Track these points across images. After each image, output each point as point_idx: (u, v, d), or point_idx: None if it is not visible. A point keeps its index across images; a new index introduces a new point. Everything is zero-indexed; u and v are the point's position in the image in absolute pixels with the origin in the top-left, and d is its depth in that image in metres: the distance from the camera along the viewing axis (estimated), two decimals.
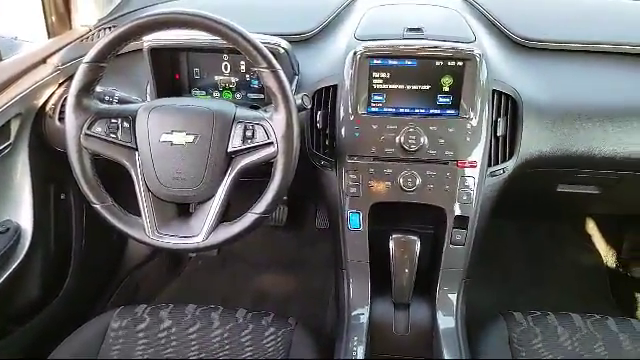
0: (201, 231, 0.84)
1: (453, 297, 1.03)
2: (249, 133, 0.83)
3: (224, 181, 0.84)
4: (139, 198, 0.85)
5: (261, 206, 0.83)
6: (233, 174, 0.84)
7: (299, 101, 0.86)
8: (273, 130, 0.81)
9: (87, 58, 0.80)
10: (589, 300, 1.62)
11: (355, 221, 1.02)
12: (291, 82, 1.06)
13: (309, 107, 0.90)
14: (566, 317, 1.02)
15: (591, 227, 1.80)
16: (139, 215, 0.85)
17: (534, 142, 1.02)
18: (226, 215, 0.90)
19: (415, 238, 1.01)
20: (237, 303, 1.07)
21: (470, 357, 0.95)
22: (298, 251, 1.82)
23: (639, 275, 1.62)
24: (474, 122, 0.96)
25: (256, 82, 1.08)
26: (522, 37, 1.14)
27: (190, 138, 0.82)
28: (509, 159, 1.01)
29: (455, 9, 1.26)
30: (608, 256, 1.75)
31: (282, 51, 1.01)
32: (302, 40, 1.17)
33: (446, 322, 1.01)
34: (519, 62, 1.11)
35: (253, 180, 0.90)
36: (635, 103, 1.04)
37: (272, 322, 1.00)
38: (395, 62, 0.97)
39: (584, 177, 1.11)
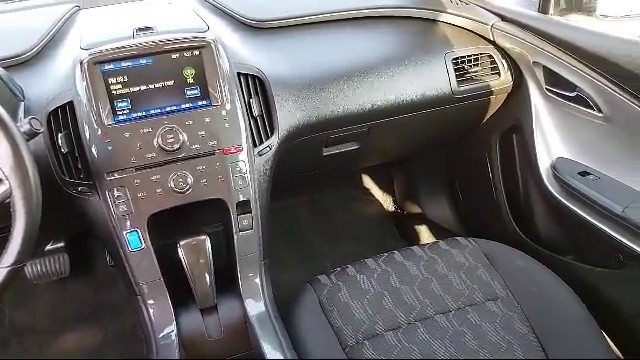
0: None
1: (257, 281, 1.03)
2: None
3: None
4: None
5: (10, 256, 0.69)
6: None
7: (26, 126, 0.74)
8: None
9: None
10: (382, 243, 1.81)
11: (135, 240, 0.93)
12: (16, 109, 0.91)
13: (41, 131, 0.78)
14: (362, 264, 1.10)
15: (367, 181, 2.01)
16: None
17: (289, 115, 1.07)
18: None
19: (204, 237, 0.97)
20: None
21: (286, 333, 0.96)
22: (96, 296, 1.63)
23: (412, 210, 1.87)
24: (228, 107, 0.96)
25: None
26: (254, 20, 1.18)
27: None
28: (272, 136, 1.04)
29: (185, 4, 1.24)
30: (387, 201, 1.98)
31: None
32: (21, 63, 1.02)
33: (256, 308, 1.00)
34: (257, 43, 1.14)
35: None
36: (365, 62, 1.16)
37: None
38: (129, 63, 0.91)
39: (342, 136, 1.21)
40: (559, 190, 1.17)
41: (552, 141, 1.21)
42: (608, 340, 1.00)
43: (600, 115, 1.05)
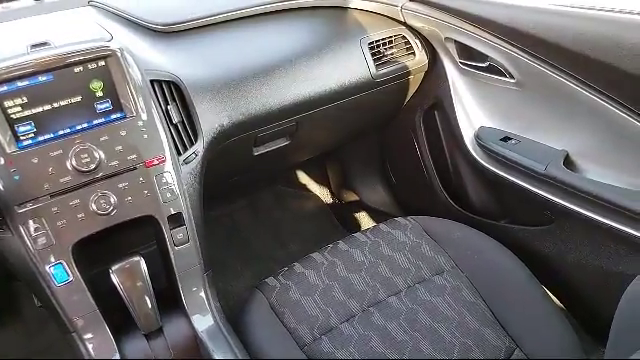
0: None
1: (202, 295, 0.98)
2: None
3: None
4: None
5: None
6: None
7: None
8: None
9: None
10: (325, 236, 1.80)
11: (61, 274, 0.85)
12: None
13: None
14: (308, 259, 1.09)
15: (302, 176, 1.99)
16: None
17: (212, 118, 1.03)
18: None
19: (137, 258, 0.91)
20: None
21: (239, 343, 0.92)
22: (28, 342, 1.49)
23: (350, 199, 1.88)
24: (144, 117, 0.90)
25: None
26: (161, 24, 1.13)
27: None
28: (196, 141, 1.00)
29: (85, 16, 1.16)
30: (324, 194, 1.97)
31: None
32: None
33: (204, 323, 0.96)
34: (167, 48, 1.09)
35: None
36: (281, 56, 1.14)
37: None
38: (26, 82, 0.82)
39: (270, 134, 1.18)
40: (485, 158, 1.21)
41: (472, 112, 1.25)
42: (549, 293, 1.05)
43: (512, 81, 1.09)
